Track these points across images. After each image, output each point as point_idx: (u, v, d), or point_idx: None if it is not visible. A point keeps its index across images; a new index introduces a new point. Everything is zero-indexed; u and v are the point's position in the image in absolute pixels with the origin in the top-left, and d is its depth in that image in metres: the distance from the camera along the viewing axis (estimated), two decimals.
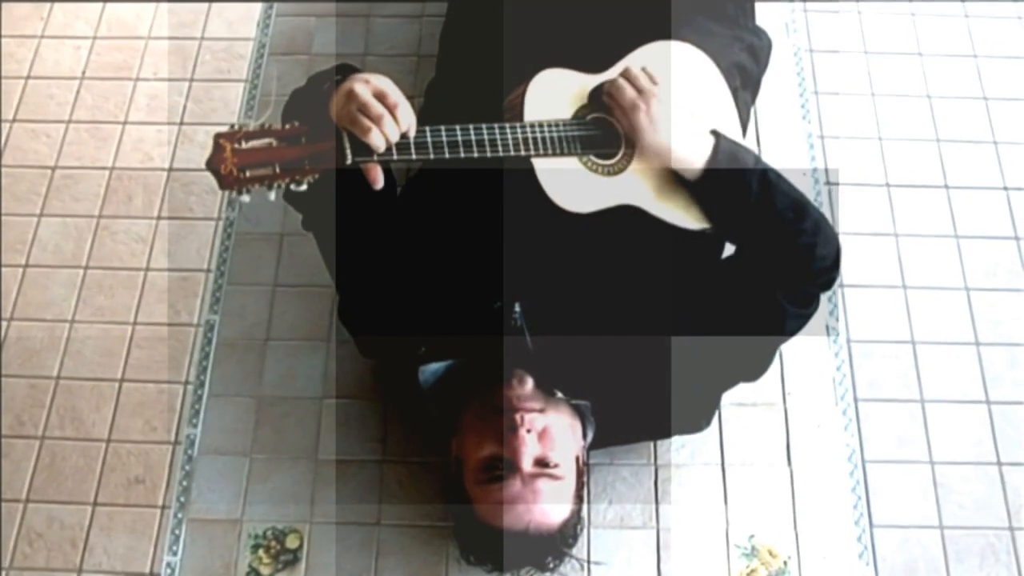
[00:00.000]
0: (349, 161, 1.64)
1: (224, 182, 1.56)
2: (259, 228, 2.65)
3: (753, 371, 2.16)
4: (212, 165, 1.56)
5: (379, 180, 1.71)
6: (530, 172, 1.83)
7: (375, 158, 1.67)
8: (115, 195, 2.74)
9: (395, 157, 1.68)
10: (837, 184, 2.71)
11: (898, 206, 2.70)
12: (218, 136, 1.57)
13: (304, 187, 1.61)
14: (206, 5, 3.06)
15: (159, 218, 2.70)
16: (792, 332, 2.03)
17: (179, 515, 2.30)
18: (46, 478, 2.38)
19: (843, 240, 2.46)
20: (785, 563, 2.23)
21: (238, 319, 2.53)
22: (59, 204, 2.73)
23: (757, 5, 2.42)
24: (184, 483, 2.33)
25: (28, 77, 2.95)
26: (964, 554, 2.29)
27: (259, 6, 3.05)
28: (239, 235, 2.64)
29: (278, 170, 1.58)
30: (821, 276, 1.96)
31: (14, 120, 2.87)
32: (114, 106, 2.89)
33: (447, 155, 1.73)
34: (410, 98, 1.72)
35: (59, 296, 2.60)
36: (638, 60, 2.01)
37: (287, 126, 1.60)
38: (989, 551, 2.29)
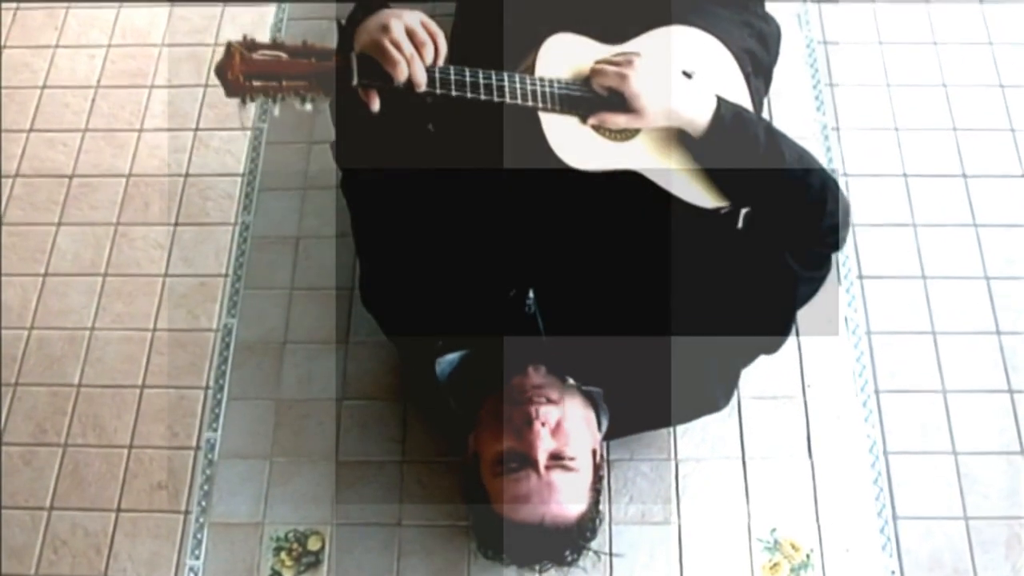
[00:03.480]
0: (355, 82, 1.65)
1: (230, 88, 1.58)
2: (275, 232, 2.66)
3: (771, 342, 2.16)
4: (220, 71, 1.58)
5: (375, 104, 1.71)
6: (544, 146, 1.84)
7: (379, 84, 1.68)
8: (132, 202, 2.75)
9: (400, 87, 1.69)
10: (854, 175, 2.70)
11: (916, 196, 2.68)
12: (230, 44, 1.59)
13: (308, 105, 1.63)
14: (219, 11, 3.07)
15: (176, 224, 2.71)
16: (805, 298, 2.04)
17: (201, 519, 2.31)
18: (69, 485, 2.39)
19: (861, 232, 2.48)
20: (808, 556, 2.23)
21: (256, 323, 2.55)
22: (77, 212, 2.75)
23: None
24: (205, 487, 2.34)
25: (44, 86, 2.97)
26: (989, 544, 2.27)
27: (272, 10, 3.06)
28: (255, 239, 2.66)
29: (283, 83, 1.60)
30: (831, 235, 1.96)
31: (31, 130, 2.89)
32: (130, 113, 2.90)
33: (453, 92, 1.74)
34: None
35: (79, 304, 2.62)
36: (652, 41, 2.02)
37: (299, 43, 1.63)
38: (1015, 541, 2.28)
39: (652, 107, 1.87)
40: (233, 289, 2.59)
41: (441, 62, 1.73)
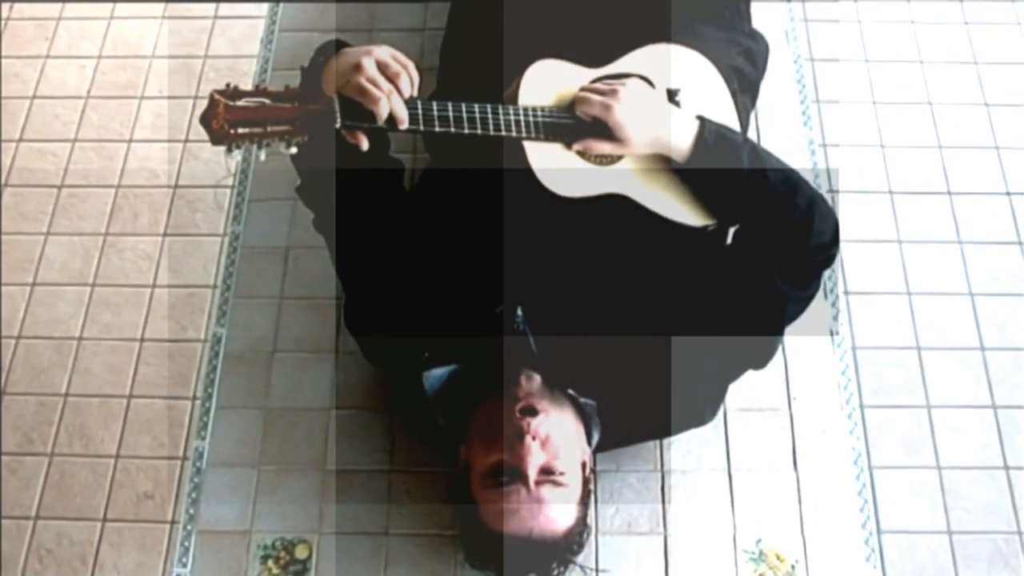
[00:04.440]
0: (338, 125, 1.68)
1: (215, 137, 1.60)
2: (264, 242, 2.66)
3: (759, 359, 2.17)
4: (205, 120, 1.60)
5: (364, 143, 1.73)
6: (529, 174, 1.85)
7: (364, 125, 1.71)
8: (121, 213, 2.76)
9: (383, 125, 1.71)
10: (840, 192, 2.72)
11: (901, 213, 2.70)
12: (213, 92, 1.61)
13: (294, 149, 1.65)
14: (209, 24, 3.08)
15: (165, 235, 2.71)
16: (793, 317, 2.05)
17: (188, 528, 2.30)
18: (55, 495, 2.39)
19: (847, 248, 2.50)
20: (793, 567, 2.23)
21: (245, 332, 2.54)
22: (66, 222, 2.75)
23: (756, 14, 2.43)
24: (193, 496, 2.34)
25: (34, 97, 2.97)
26: (972, 559, 2.28)
27: (262, 24, 3.07)
28: (245, 250, 2.66)
29: (268, 129, 1.62)
30: (819, 253, 1.97)
31: (20, 140, 2.89)
32: (119, 124, 2.91)
33: (437, 128, 1.76)
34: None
35: (66, 314, 2.62)
36: (636, 60, 2.04)
37: (281, 88, 1.65)
38: (998, 556, 2.29)
39: (636, 136, 1.88)
40: (222, 299, 2.59)
41: (416, 91, 1.74)
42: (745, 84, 2.24)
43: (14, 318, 2.61)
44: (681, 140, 1.91)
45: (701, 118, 1.94)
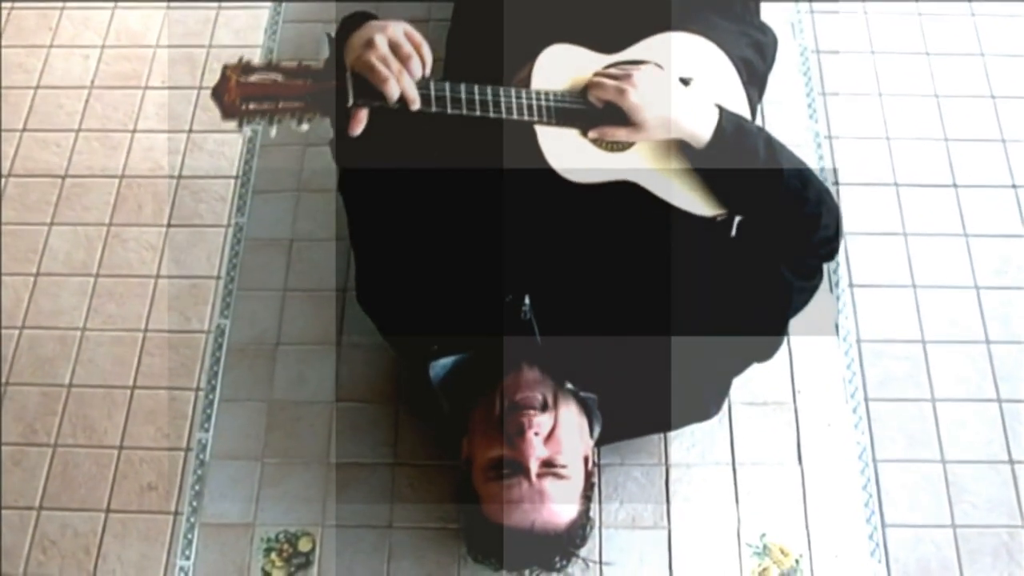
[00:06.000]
0: (351, 103, 1.65)
1: (226, 112, 1.59)
2: (268, 234, 2.66)
3: (764, 351, 2.17)
4: (217, 94, 1.59)
5: (359, 127, 1.71)
6: (540, 158, 1.84)
7: (375, 104, 1.68)
8: (125, 203, 2.75)
9: (395, 105, 1.68)
10: (845, 184, 2.71)
11: (907, 205, 2.69)
12: (226, 67, 1.60)
13: (305, 126, 1.63)
14: (213, 13, 3.07)
15: (169, 225, 2.71)
16: (798, 307, 2.04)
17: (192, 520, 2.30)
18: (59, 486, 2.39)
19: (852, 240, 2.49)
20: (797, 562, 2.23)
21: (248, 324, 2.55)
22: (69, 213, 2.75)
23: (763, 6, 2.42)
24: (196, 488, 2.34)
25: (37, 87, 2.97)
26: (977, 553, 2.28)
27: (266, 14, 3.06)
28: (248, 241, 2.66)
29: (280, 105, 1.60)
30: (824, 246, 1.97)
31: (24, 130, 2.89)
32: (123, 115, 2.90)
33: (449, 110, 1.74)
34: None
35: (70, 304, 2.61)
36: (648, 48, 2.03)
37: (294, 64, 1.63)
38: (1002, 549, 2.28)
39: (652, 121, 1.85)
40: (226, 291, 2.59)
41: (428, 73, 1.72)
42: (753, 76, 2.23)
43: (17, 308, 2.61)
44: (701, 127, 1.88)
45: (719, 106, 1.92)
